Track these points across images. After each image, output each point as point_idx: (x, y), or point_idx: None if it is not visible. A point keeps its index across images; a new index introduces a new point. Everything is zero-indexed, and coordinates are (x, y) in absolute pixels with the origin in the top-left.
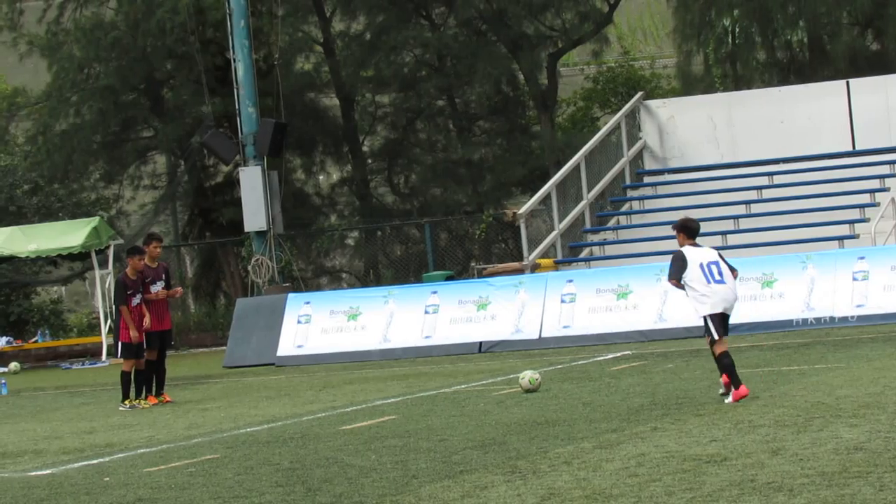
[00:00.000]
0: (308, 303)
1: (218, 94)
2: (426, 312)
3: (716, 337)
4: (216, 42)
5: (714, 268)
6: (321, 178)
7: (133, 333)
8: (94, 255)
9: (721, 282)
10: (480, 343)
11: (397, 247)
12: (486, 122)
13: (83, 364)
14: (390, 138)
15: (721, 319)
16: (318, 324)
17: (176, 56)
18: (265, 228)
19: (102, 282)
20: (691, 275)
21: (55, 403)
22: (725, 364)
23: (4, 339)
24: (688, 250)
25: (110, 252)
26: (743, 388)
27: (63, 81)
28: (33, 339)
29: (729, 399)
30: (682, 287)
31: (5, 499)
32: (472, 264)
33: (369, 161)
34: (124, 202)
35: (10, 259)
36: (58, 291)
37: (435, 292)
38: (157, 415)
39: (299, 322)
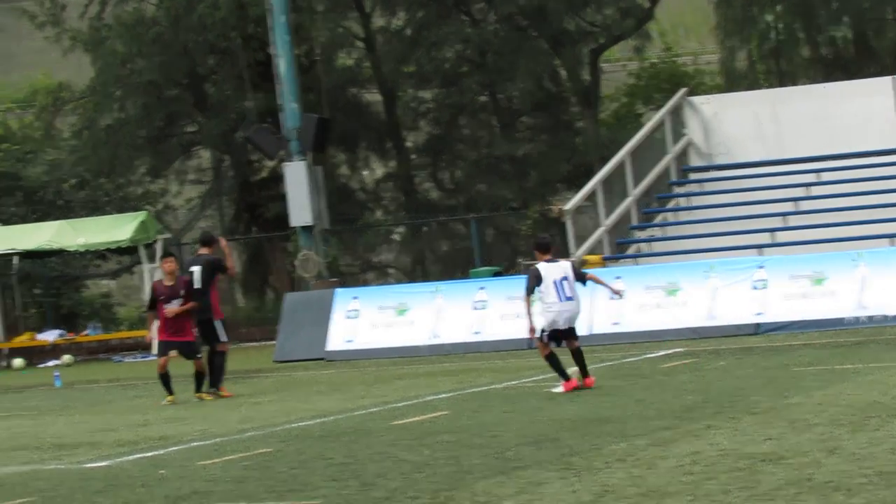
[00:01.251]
0: (356, 298)
1: (260, 89)
2: (474, 308)
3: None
4: (257, 38)
5: (565, 284)
6: (365, 173)
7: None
8: (141, 249)
9: (570, 299)
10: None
11: (443, 242)
12: (529, 118)
13: (135, 357)
14: (433, 134)
15: (553, 333)
16: (366, 319)
17: (218, 51)
18: (311, 223)
19: (150, 276)
20: (545, 290)
21: (108, 396)
22: (552, 362)
23: (57, 331)
24: (542, 266)
25: (158, 246)
26: (573, 381)
27: (107, 77)
28: (84, 332)
29: (559, 389)
30: (529, 302)
31: (62, 490)
32: (519, 260)
33: (413, 156)
34: (170, 197)
35: (59, 253)
36: (107, 285)
37: (483, 288)
38: (210, 408)
39: (348, 317)
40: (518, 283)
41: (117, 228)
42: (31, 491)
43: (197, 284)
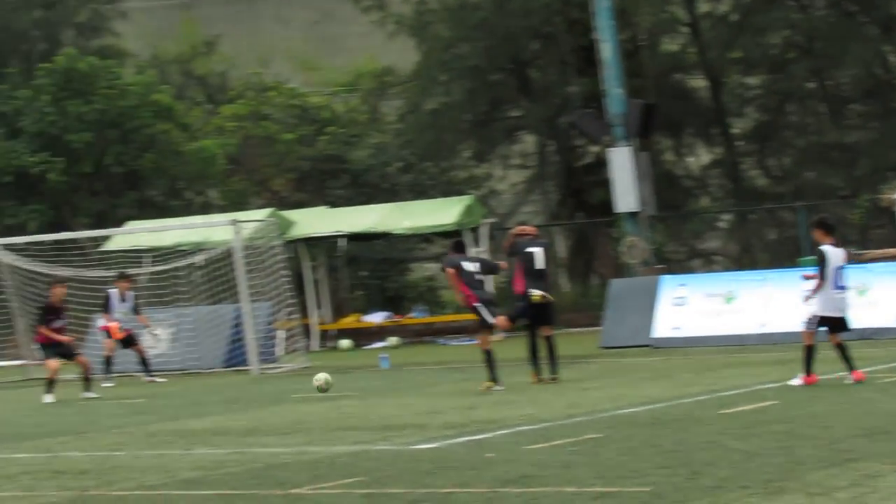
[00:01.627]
0: (683, 285)
1: (584, 74)
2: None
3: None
4: (581, 22)
5: (842, 272)
6: (691, 160)
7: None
8: (467, 233)
9: (843, 288)
10: (863, 329)
11: (771, 231)
12: (859, 105)
13: (460, 340)
14: (761, 120)
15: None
16: (694, 306)
17: (541, 36)
18: (636, 209)
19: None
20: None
21: (435, 378)
22: (808, 352)
23: (383, 314)
24: (829, 250)
25: (483, 231)
26: (814, 377)
27: (431, 61)
28: (410, 315)
29: (798, 381)
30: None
31: (391, 471)
32: (850, 250)
33: (739, 143)
34: (495, 181)
35: (385, 235)
36: (432, 268)
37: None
38: (536, 393)
39: (675, 304)
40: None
41: (443, 212)
42: (360, 471)
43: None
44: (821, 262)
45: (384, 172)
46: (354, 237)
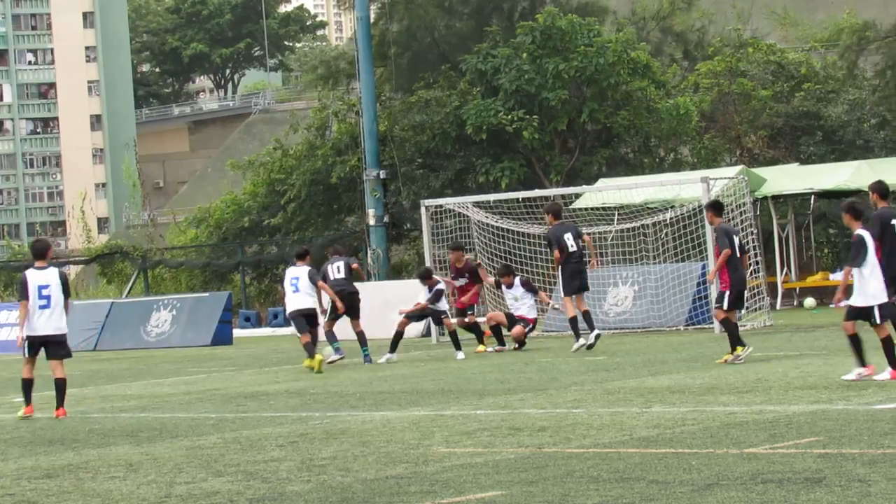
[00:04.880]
0: None
1: None
2: None
3: None
4: None
5: None
6: None
7: None
8: None
9: None
10: None
11: None
12: None
13: None
14: None
15: None
16: None
17: None
18: None
19: None
20: None
21: None
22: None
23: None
24: None
25: None
26: None
27: None
28: None
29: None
30: None
31: (849, 430)
32: None
33: None
34: None
35: (857, 193)
36: None
37: None
38: None
39: None
40: None
41: None
42: (819, 430)
43: None
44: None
45: (859, 129)
46: (824, 195)
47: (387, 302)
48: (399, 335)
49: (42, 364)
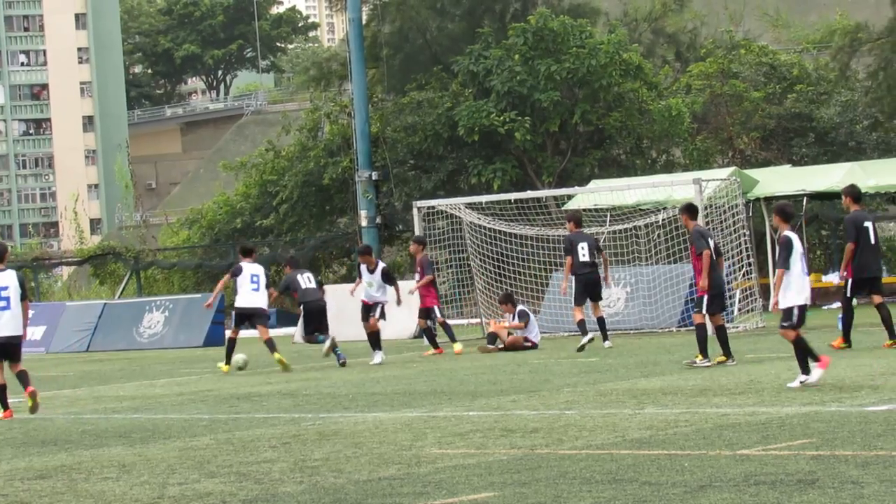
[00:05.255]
0: None
1: None
2: None
3: None
4: None
5: None
6: None
7: None
8: None
9: None
10: None
11: None
12: None
13: None
14: None
15: None
16: None
17: None
18: None
19: None
20: None
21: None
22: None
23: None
24: None
25: None
26: None
27: None
28: None
29: None
30: None
31: (842, 432)
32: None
33: None
34: None
35: None
36: (893, 228)
37: None
38: None
39: None
40: None
41: None
42: (811, 432)
43: None
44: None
45: (851, 130)
46: (817, 196)
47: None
48: (374, 334)
49: (29, 364)
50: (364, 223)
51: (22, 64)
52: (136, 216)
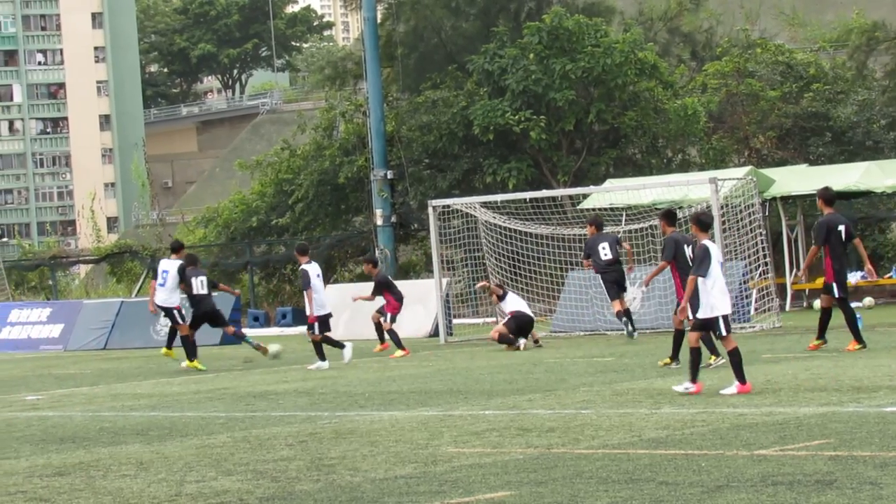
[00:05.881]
0: None
1: None
2: None
3: None
4: None
5: None
6: None
7: None
8: None
9: None
10: None
11: None
12: None
13: None
14: None
15: None
16: None
17: None
18: None
19: None
20: None
21: None
22: None
23: (859, 273)
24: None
25: None
26: None
27: None
28: (888, 276)
29: None
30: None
31: (860, 433)
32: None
33: None
34: None
35: (866, 194)
36: None
37: None
38: None
39: None
40: None
41: None
42: (829, 432)
43: None
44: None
45: (868, 130)
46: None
47: None
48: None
49: (47, 362)
50: (379, 222)
51: (39, 63)
52: (152, 215)
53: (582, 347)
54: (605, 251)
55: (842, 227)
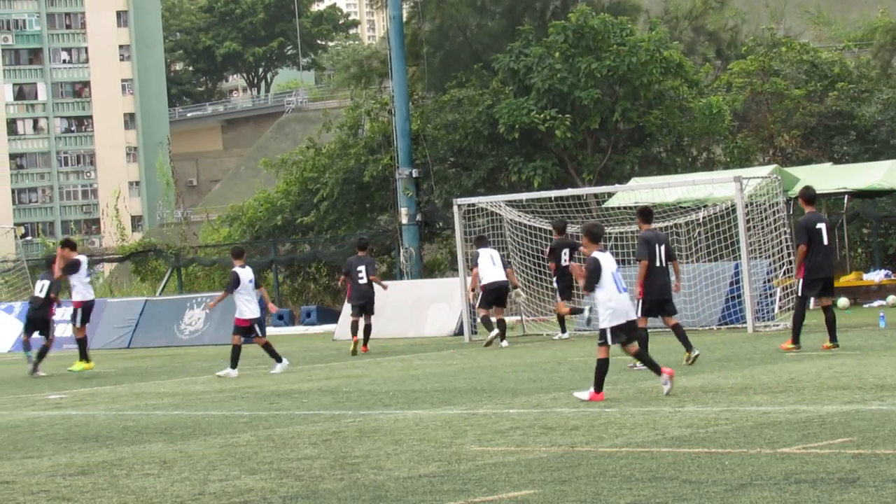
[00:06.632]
0: None
1: None
2: None
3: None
4: None
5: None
6: None
7: None
8: None
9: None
10: None
11: None
12: None
13: None
14: None
15: None
16: None
17: None
18: None
19: None
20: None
21: None
22: None
23: (883, 272)
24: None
25: None
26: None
27: None
28: None
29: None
30: None
31: (883, 431)
32: None
33: None
34: None
35: (890, 192)
36: None
37: None
38: None
39: None
40: None
41: None
42: (852, 431)
43: None
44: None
45: (893, 128)
46: (858, 194)
47: (419, 300)
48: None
49: (71, 361)
50: (404, 220)
51: (64, 61)
52: (176, 213)
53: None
54: (565, 256)
55: (821, 226)
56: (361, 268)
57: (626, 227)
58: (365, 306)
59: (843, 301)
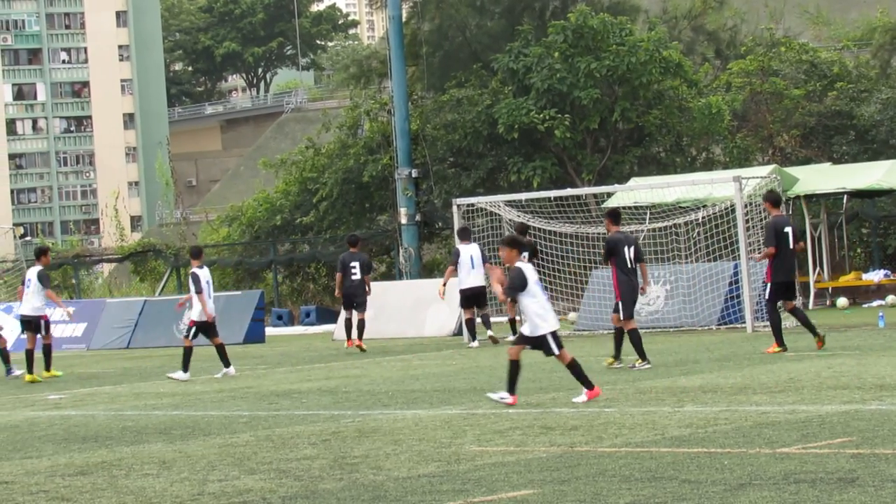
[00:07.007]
0: None
1: None
2: None
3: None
4: None
5: None
6: None
7: None
8: None
9: None
10: None
11: None
12: None
13: None
14: None
15: None
16: None
17: None
18: None
19: None
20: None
21: None
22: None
23: (882, 272)
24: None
25: None
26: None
27: None
28: None
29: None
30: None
31: (882, 431)
32: None
33: None
34: None
35: (890, 192)
36: None
37: None
38: None
39: None
40: None
41: None
42: (851, 430)
43: None
44: None
45: (892, 128)
46: (857, 194)
47: (419, 300)
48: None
49: (70, 361)
50: (404, 220)
51: (63, 61)
52: (176, 213)
53: (605, 346)
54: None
55: (788, 230)
56: (355, 264)
57: (629, 227)
58: (356, 302)
59: (842, 301)
